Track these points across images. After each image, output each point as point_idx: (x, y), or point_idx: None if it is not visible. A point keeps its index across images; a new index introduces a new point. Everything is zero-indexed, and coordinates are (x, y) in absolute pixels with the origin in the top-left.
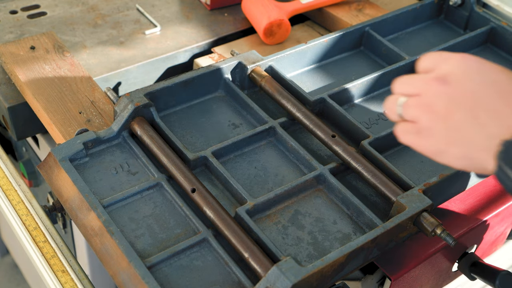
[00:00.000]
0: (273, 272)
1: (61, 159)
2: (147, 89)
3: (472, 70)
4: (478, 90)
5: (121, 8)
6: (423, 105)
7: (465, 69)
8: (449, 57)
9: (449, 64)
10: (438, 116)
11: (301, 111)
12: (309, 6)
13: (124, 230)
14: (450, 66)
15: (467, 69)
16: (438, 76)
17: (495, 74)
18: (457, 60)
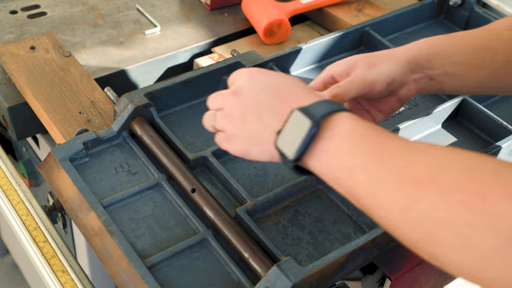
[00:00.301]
0: (273, 272)
1: (61, 159)
2: (147, 89)
3: (254, 80)
4: (259, 96)
5: (121, 8)
6: (226, 117)
7: (249, 80)
8: (241, 73)
9: (240, 79)
10: (237, 124)
11: None
12: (309, 6)
13: (124, 230)
14: (240, 80)
15: (251, 80)
16: (233, 90)
17: (272, 79)
18: (245, 74)
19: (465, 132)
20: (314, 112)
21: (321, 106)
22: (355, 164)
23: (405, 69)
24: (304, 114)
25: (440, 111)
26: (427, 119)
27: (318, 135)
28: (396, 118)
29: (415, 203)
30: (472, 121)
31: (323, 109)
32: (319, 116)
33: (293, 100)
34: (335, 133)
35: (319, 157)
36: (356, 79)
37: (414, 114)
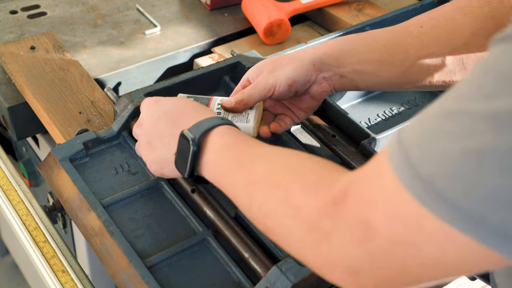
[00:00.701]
0: (273, 272)
1: (61, 159)
2: (147, 89)
3: (150, 110)
4: (157, 123)
5: (121, 8)
6: (139, 145)
7: (148, 112)
8: (142, 105)
9: (142, 111)
10: (147, 151)
11: None
12: (309, 6)
13: (124, 230)
14: (142, 113)
15: (149, 111)
16: (137, 122)
17: (165, 106)
18: (144, 106)
19: None
20: (194, 132)
21: (200, 125)
22: (223, 170)
23: (309, 69)
24: (186, 136)
25: None
26: None
27: (200, 151)
28: (396, 118)
29: (252, 201)
30: None
31: (202, 128)
32: (198, 136)
33: (183, 122)
34: (210, 147)
35: (205, 169)
36: (258, 84)
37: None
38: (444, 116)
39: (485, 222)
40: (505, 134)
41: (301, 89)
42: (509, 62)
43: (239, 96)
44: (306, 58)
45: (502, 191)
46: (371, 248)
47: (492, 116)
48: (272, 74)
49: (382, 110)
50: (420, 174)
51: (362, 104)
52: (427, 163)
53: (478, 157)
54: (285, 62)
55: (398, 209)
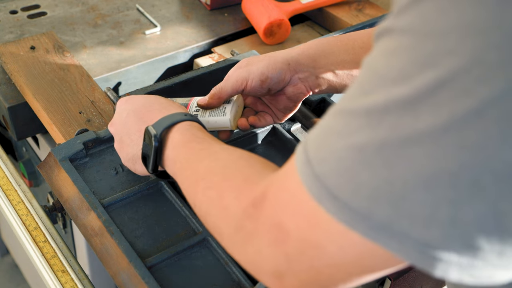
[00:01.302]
0: None
1: (61, 159)
2: (147, 89)
3: (120, 110)
4: (126, 122)
5: (121, 8)
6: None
7: (118, 111)
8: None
9: (116, 111)
10: (119, 148)
11: (301, 111)
12: (309, 6)
13: (124, 230)
14: (115, 113)
15: (119, 111)
16: (110, 123)
17: (133, 105)
18: (117, 106)
19: None
20: (157, 128)
21: (163, 121)
22: (177, 167)
23: (283, 68)
24: (149, 132)
25: None
26: None
27: (162, 147)
28: None
29: (195, 200)
30: None
31: (163, 124)
32: (159, 131)
33: (149, 119)
34: (170, 143)
35: (166, 164)
36: (231, 78)
37: None
38: (334, 115)
39: (372, 218)
40: (378, 128)
41: (274, 87)
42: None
43: (212, 91)
44: (281, 57)
45: (384, 185)
46: (286, 250)
47: (366, 112)
48: (244, 68)
49: None
50: (316, 172)
51: None
52: (321, 162)
53: (359, 153)
54: (260, 59)
55: (302, 209)
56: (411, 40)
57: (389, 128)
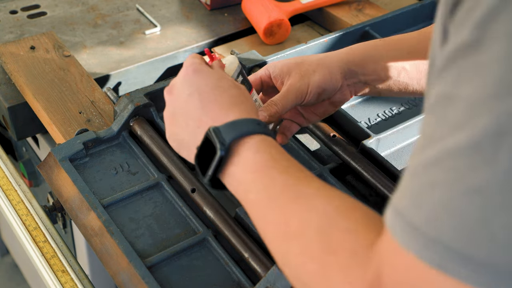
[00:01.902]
0: (273, 272)
1: (61, 159)
2: (147, 89)
3: (185, 81)
4: (186, 102)
5: (121, 8)
6: (164, 112)
7: (182, 81)
8: (182, 68)
9: (178, 75)
10: (170, 123)
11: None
12: (309, 6)
13: (124, 230)
14: (177, 77)
15: (183, 81)
16: (170, 84)
17: (201, 83)
18: (182, 71)
19: None
20: (225, 134)
21: (234, 127)
22: (250, 194)
23: (337, 78)
24: (216, 136)
25: None
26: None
27: (227, 159)
28: (396, 118)
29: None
30: None
31: (234, 132)
32: (228, 140)
33: (215, 113)
34: (240, 162)
35: (229, 181)
36: (290, 93)
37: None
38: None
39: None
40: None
41: (327, 97)
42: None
43: (272, 108)
44: (336, 66)
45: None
46: None
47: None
48: (302, 80)
49: (382, 110)
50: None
51: (362, 104)
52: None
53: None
54: (314, 68)
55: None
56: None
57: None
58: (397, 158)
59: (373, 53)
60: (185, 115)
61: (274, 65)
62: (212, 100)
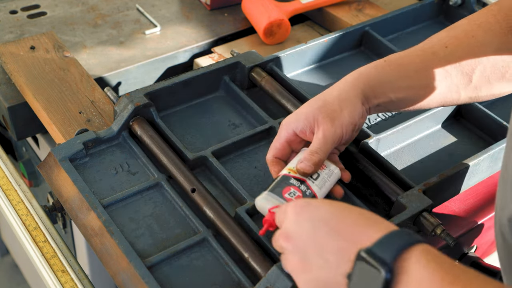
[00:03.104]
0: (273, 272)
1: (61, 159)
2: (147, 89)
3: (301, 219)
4: (314, 237)
5: (121, 8)
6: (287, 263)
7: (296, 221)
8: (285, 212)
9: (286, 220)
10: (299, 270)
11: None
12: (309, 6)
13: (124, 230)
14: (287, 223)
15: (297, 220)
16: (282, 234)
17: (319, 214)
18: (289, 213)
19: (465, 132)
20: (383, 254)
21: (387, 244)
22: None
23: (360, 107)
24: (372, 259)
25: (440, 111)
26: (427, 119)
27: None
28: (396, 118)
29: None
30: (472, 121)
31: (391, 250)
32: (389, 261)
33: (354, 236)
34: (410, 281)
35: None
36: (328, 140)
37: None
38: None
39: None
40: None
41: (358, 129)
42: None
43: (314, 158)
44: (354, 97)
45: None
46: None
47: None
48: (335, 124)
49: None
50: None
51: None
52: None
53: None
54: (339, 107)
55: None
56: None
57: None
58: (397, 158)
59: (381, 76)
60: (320, 251)
61: (293, 121)
62: (342, 225)
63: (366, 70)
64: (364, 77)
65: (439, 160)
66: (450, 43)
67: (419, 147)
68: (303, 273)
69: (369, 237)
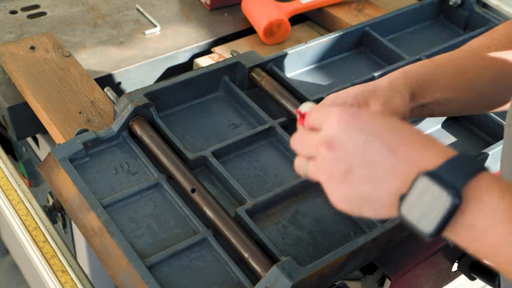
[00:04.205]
0: (273, 272)
1: (61, 159)
2: (147, 89)
3: (351, 129)
4: (366, 151)
5: (121, 8)
6: (321, 171)
7: (345, 130)
8: (328, 115)
9: (329, 125)
10: (338, 181)
11: None
12: (309, 6)
13: (124, 230)
14: (331, 129)
15: (347, 130)
16: (323, 140)
17: (374, 126)
18: (335, 119)
19: (465, 132)
20: (450, 179)
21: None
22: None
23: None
24: (437, 183)
25: None
26: (427, 119)
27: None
28: None
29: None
30: (472, 121)
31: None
32: (459, 186)
33: (411, 156)
34: (482, 207)
35: (460, 233)
36: None
37: None
38: None
39: None
40: None
41: None
42: None
43: None
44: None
45: None
46: None
47: None
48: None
49: None
50: None
51: None
52: None
53: None
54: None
55: None
56: None
57: None
58: None
59: (429, 75)
60: (368, 166)
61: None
62: (398, 142)
63: (412, 68)
64: (411, 74)
65: None
66: (492, 44)
67: None
68: (340, 184)
69: (431, 160)
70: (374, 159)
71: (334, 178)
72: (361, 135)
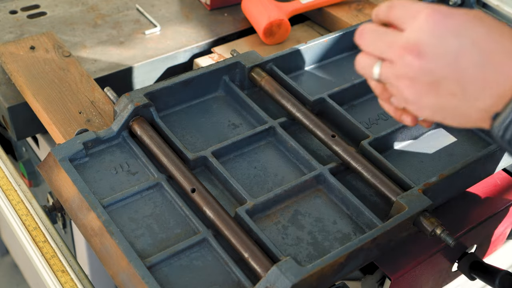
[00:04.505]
0: (273, 272)
1: (61, 159)
2: (147, 89)
3: (446, 33)
4: (459, 59)
5: (121, 8)
6: (403, 79)
7: (439, 34)
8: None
9: (417, 27)
10: (422, 92)
11: (301, 111)
12: (309, 6)
13: (124, 230)
14: (419, 31)
15: (440, 34)
16: (409, 45)
17: (473, 31)
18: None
19: (465, 132)
20: None
21: None
22: None
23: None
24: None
25: None
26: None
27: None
28: None
29: None
30: None
31: None
32: None
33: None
34: None
35: None
36: None
37: None
38: None
39: None
40: None
41: None
42: None
43: None
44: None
45: None
46: None
47: None
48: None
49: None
50: None
51: (362, 104)
52: None
53: None
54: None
55: None
56: None
57: None
58: (397, 158)
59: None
60: (458, 80)
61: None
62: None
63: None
64: None
65: (439, 160)
66: None
67: (419, 147)
68: (426, 94)
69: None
70: (466, 71)
71: (419, 88)
72: (456, 41)
